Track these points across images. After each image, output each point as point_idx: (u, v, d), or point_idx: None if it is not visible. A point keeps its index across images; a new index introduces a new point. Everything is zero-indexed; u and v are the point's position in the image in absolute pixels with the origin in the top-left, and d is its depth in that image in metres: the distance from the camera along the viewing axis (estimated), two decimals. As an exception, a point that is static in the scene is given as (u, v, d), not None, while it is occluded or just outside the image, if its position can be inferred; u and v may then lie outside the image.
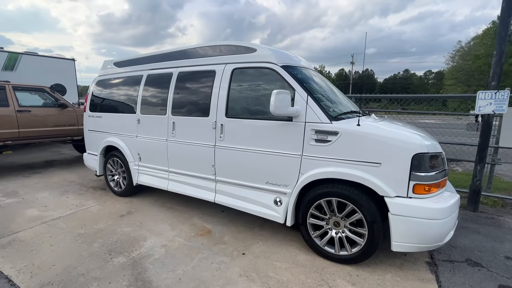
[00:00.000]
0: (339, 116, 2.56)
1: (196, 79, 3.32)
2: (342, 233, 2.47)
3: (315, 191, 2.50)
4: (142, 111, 3.80)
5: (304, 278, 2.29)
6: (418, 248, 2.21)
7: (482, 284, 2.24)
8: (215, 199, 3.16)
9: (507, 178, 5.33)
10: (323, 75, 3.62)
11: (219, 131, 3.00)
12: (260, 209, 2.84)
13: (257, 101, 2.90)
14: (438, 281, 2.27)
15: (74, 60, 10.48)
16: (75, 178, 5.20)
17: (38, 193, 4.33)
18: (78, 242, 2.84)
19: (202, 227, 3.22)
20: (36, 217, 3.44)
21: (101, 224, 3.26)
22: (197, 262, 2.51)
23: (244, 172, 2.91)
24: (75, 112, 6.19)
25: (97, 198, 4.17)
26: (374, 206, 2.26)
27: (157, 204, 3.93)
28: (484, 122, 3.67)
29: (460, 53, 35.19)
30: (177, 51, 3.62)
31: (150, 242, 2.86)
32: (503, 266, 2.50)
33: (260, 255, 2.63)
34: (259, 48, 2.87)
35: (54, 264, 2.46)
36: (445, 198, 2.25)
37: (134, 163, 3.97)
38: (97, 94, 4.57)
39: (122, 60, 4.36)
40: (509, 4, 3.40)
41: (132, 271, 2.37)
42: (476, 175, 3.76)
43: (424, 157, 2.13)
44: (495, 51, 3.52)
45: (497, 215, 3.69)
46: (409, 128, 2.67)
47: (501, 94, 3.43)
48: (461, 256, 2.64)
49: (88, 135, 4.69)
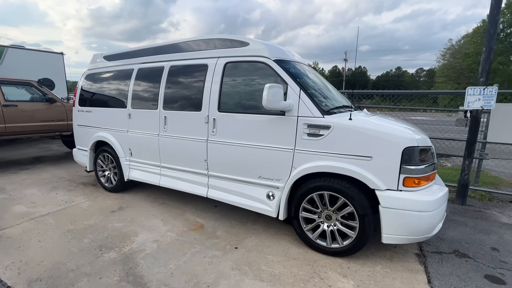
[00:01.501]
0: (331, 111, 2.57)
1: (188, 73, 3.28)
2: (333, 226, 2.50)
3: (308, 185, 2.51)
4: (133, 105, 3.74)
5: (296, 270, 2.31)
6: (408, 240, 2.25)
7: (469, 274, 2.30)
8: (207, 194, 3.14)
9: (494, 173, 5.47)
10: (316, 71, 3.62)
11: (211, 126, 2.98)
12: (252, 203, 2.84)
13: (249, 95, 2.88)
14: (426, 272, 2.32)
15: (62, 54, 10.22)
16: (64, 174, 5.10)
17: (26, 190, 4.23)
18: (67, 238, 2.79)
19: (195, 222, 3.21)
20: (24, 214, 3.36)
21: (92, 220, 3.21)
22: (189, 256, 2.50)
23: (236, 166, 2.90)
24: (64, 107, 6.05)
25: (88, 194, 4.10)
26: (365, 199, 2.29)
27: (149, 199, 3.89)
28: (472, 117, 3.75)
29: (451, 51, 35.78)
30: (169, 45, 3.56)
31: (141, 237, 2.83)
32: (489, 257, 2.57)
33: (253, 249, 2.63)
34: (252, 42, 2.84)
35: (42, 260, 2.41)
36: (434, 191, 2.29)
37: (125, 158, 3.91)
38: (86, 88, 4.47)
39: (112, 54, 4.27)
40: (498, 2, 3.46)
41: (123, 266, 2.34)
42: (464, 169, 3.85)
43: (414, 150, 2.16)
44: (484, 47, 3.58)
45: (484, 208, 3.78)
46: (400, 123, 2.70)
47: (489, 90, 3.50)
48: (449, 248, 2.71)
49: (78, 130, 4.59)
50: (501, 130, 3.92)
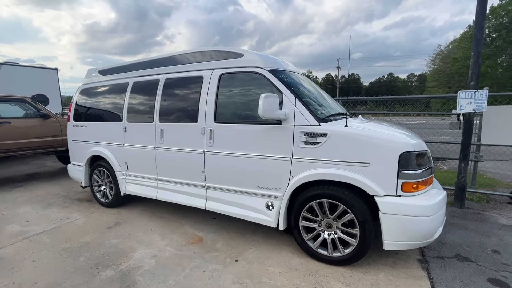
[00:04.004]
0: (327, 118, 2.59)
1: (183, 85, 3.29)
2: (334, 234, 2.47)
3: (306, 193, 2.50)
4: (129, 119, 3.72)
5: (299, 282, 2.26)
6: (409, 245, 2.23)
7: (472, 278, 2.28)
8: (206, 206, 3.10)
9: (490, 174, 5.51)
10: (310, 80, 3.67)
11: (208, 137, 2.97)
12: (252, 214, 2.80)
13: (245, 105, 2.89)
14: (430, 278, 2.29)
15: (57, 70, 10.23)
16: (59, 191, 5.00)
17: (20, 208, 4.13)
18: (62, 257, 2.71)
19: (194, 235, 3.15)
20: (17, 233, 3.27)
21: (88, 237, 3.13)
22: (189, 271, 2.44)
23: (234, 177, 2.88)
24: (58, 122, 6.01)
25: (83, 210, 4.02)
26: (365, 206, 2.28)
27: (146, 214, 3.82)
28: (465, 120, 3.80)
29: (440, 56, 36.69)
30: (164, 58, 3.59)
31: (139, 253, 2.77)
32: (491, 259, 2.56)
33: (254, 261, 2.59)
34: (246, 53, 2.88)
35: (36, 281, 2.33)
36: (433, 195, 2.30)
37: (121, 172, 3.86)
38: (81, 103, 4.45)
39: (107, 68, 4.28)
40: (483, 8, 3.58)
41: (121, 284, 2.27)
42: (460, 172, 3.87)
43: (411, 155, 2.17)
44: (472, 52, 3.67)
45: (482, 211, 3.79)
46: (395, 128, 2.73)
47: (480, 93, 3.57)
48: (450, 252, 2.69)
49: (73, 145, 4.55)
50: (494, 132, 3.98)
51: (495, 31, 27.65)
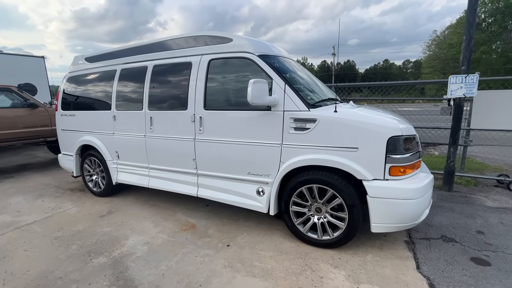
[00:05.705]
0: (317, 104, 2.58)
1: (172, 71, 3.22)
2: (324, 218, 2.51)
3: (296, 179, 2.52)
4: (118, 107, 3.66)
5: (288, 264, 2.32)
6: (396, 227, 2.29)
7: (455, 257, 2.36)
8: (197, 193, 3.12)
9: (479, 159, 5.62)
10: (306, 67, 3.63)
11: (198, 124, 2.94)
12: (243, 200, 2.83)
13: (235, 91, 2.86)
14: (415, 258, 2.36)
15: (44, 58, 9.91)
16: (51, 181, 4.96)
17: (11, 199, 4.10)
18: (55, 246, 2.72)
19: (186, 222, 3.18)
20: (8, 223, 3.26)
21: (80, 226, 3.14)
22: (181, 256, 2.48)
23: (225, 164, 2.88)
24: (47, 112, 5.88)
25: (75, 200, 4.01)
26: (353, 190, 2.31)
27: (139, 202, 3.83)
28: (456, 105, 3.83)
29: (435, 42, 36.41)
30: (151, 44, 3.49)
31: (132, 240, 2.79)
32: (474, 240, 2.64)
33: (245, 246, 2.63)
34: (235, 38, 2.81)
35: (28, 269, 2.34)
36: (420, 179, 2.33)
37: (112, 161, 3.83)
38: (69, 91, 4.35)
39: (94, 55, 4.16)
40: (476, -10, 3.52)
41: (113, 270, 2.30)
42: (450, 156, 3.93)
43: (399, 139, 2.19)
44: (465, 36, 3.65)
45: (470, 194, 3.89)
46: (385, 113, 2.73)
47: (471, 78, 3.58)
48: (436, 233, 2.77)
49: (62, 135, 4.47)
50: (484, 117, 4.02)
51: (491, 16, 27.43)
